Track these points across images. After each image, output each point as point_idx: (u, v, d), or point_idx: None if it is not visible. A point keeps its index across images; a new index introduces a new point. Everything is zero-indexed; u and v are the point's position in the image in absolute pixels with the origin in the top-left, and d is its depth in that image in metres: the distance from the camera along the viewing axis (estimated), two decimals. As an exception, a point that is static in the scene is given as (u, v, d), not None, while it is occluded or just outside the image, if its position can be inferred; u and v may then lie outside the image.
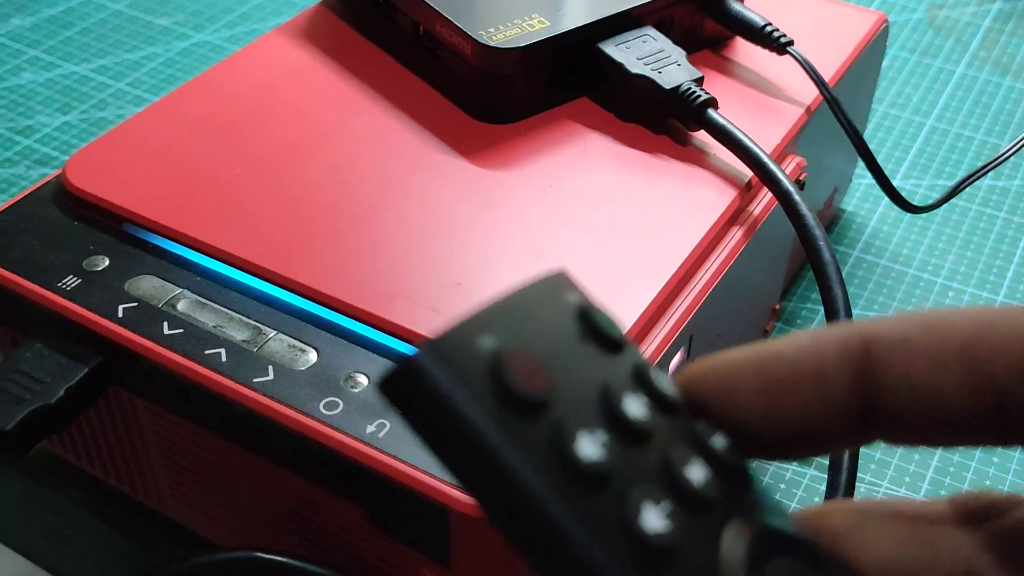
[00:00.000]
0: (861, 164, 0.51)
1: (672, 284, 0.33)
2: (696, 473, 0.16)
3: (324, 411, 0.29)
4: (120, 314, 0.32)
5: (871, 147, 0.55)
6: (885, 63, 0.61)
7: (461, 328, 0.15)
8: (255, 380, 0.30)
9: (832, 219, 0.51)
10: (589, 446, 0.15)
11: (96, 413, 0.34)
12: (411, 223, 0.34)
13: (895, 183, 0.53)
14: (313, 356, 0.31)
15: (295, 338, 0.31)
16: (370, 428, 0.28)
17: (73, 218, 0.35)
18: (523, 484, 0.15)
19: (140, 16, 0.63)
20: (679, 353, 0.33)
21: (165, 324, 0.31)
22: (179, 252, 0.33)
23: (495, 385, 0.15)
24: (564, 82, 0.39)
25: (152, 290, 0.32)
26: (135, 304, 0.32)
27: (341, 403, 0.29)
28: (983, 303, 0.46)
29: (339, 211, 0.34)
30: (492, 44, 0.37)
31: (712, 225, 0.35)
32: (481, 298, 0.31)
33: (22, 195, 0.36)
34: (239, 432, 0.31)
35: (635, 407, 0.16)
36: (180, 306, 0.32)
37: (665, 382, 0.18)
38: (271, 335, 0.31)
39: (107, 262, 0.33)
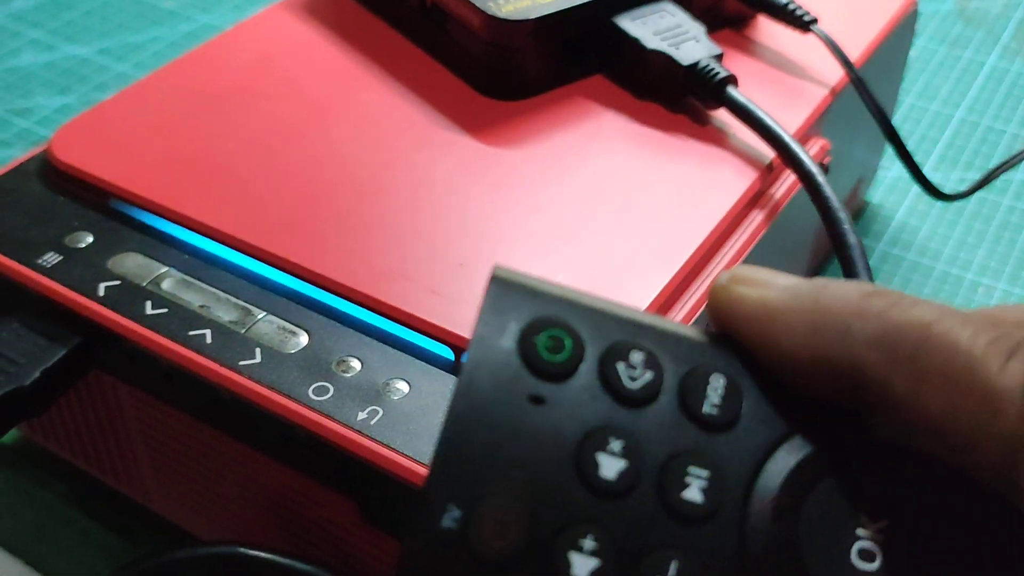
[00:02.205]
0: (887, 155, 0.49)
1: (687, 269, 0.31)
2: (694, 492, 0.16)
3: (313, 396, 0.27)
4: (101, 293, 0.30)
5: (898, 137, 0.53)
6: (914, 54, 0.59)
7: (425, 513, 0.15)
8: (241, 363, 0.28)
9: (857, 211, 0.48)
10: (582, 564, 0.15)
11: (76, 397, 0.32)
12: (413, 202, 0.32)
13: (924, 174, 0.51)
14: (304, 339, 0.29)
15: (285, 320, 0.29)
16: (361, 415, 0.27)
17: (58, 193, 0.33)
18: None
19: (145, -2, 0.61)
20: (694, 342, 0.31)
21: (148, 303, 0.30)
22: (166, 229, 0.32)
23: (476, 563, 0.15)
24: (577, 57, 0.37)
25: (136, 268, 0.31)
26: (118, 282, 0.30)
27: (332, 388, 0.27)
28: (1015, 299, 0.44)
29: (337, 189, 0.32)
30: (501, 16, 0.35)
31: (731, 208, 0.33)
32: (485, 280, 0.30)
33: (5, 169, 0.34)
34: (224, 418, 0.29)
35: (609, 466, 0.16)
36: (165, 285, 0.30)
37: (623, 376, 0.17)
38: (260, 316, 0.29)
39: (91, 239, 0.31)
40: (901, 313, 0.17)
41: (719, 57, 0.36)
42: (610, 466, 0.16)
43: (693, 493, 0.16)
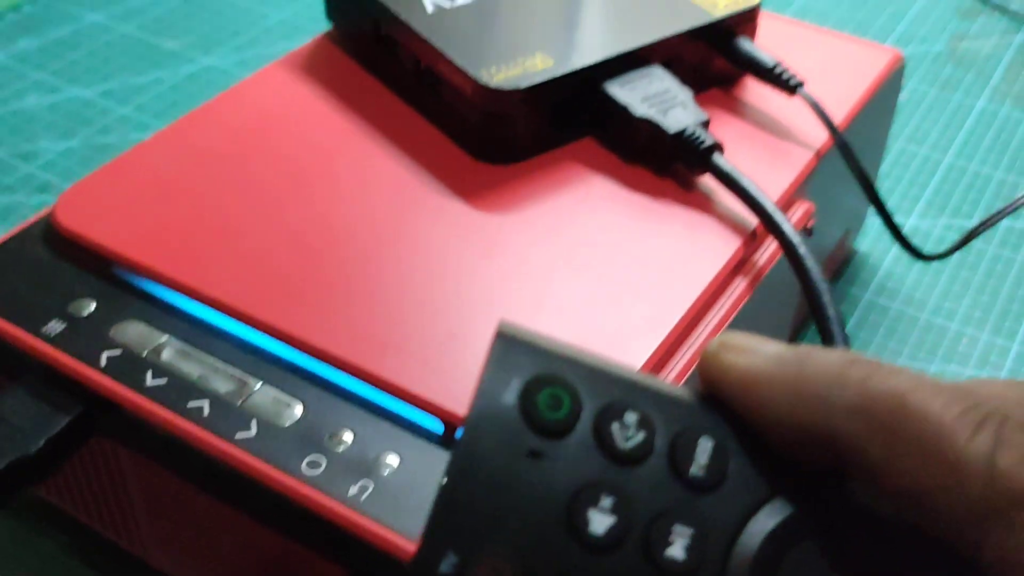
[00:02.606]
0: (875, 203, 0.50)
1: (673, 336, 0.32)
2: (677, 550, 0.17)
3: (306, 470, 0.28)
4: (103, 362, 0.31)
5: (887, 184, 0.54)
6: (904, 96, 0.60)
7: (423, 557, 0.16)
8: (237, 436, 0.29)
9: (845, 260, 0.49)
10: None
11: (79, 459, 0.33)
12: (406, 270, 0.33)
13: (911, 221, 0.52)
14: (299, 410, 0.30)
15: (281, 390, 0.30)
16: (353, 489, 0.28)
17: (62, 258, 0.34)
18: None
19: (148, 39, 0.62)
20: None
21: (149, 373, 0.31)
22: (167, 297, 0.33)
23: None
24: (567, 122, 0.38)
25: (138, 337, 0.32)
26: (119, 352, 0.31)
27: (324, 461, 0.28)
28: (998, 349, 0.45)
29: (332, 256, 0.33)
30: (493, 85, 0.36)
31: (716, 275, 0.34)
32: (475, 351, 0.30)
33: (11, 233, 0.35)
34: (221, 487, 0.30)
35: (598, 523, 0.17)
36: (165, 355, 0.31)
37: (616, 436, 0.18)
38: (256, 387, 0.30)
39: (94, 306, 0.32)
40: (878, 383, 0.17)
41: (705, 123, 0.37)
42: (600, 522, 0.17)
43: (676, 551, 0.17)
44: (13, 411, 0.31)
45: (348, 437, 0.29)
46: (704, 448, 0.18)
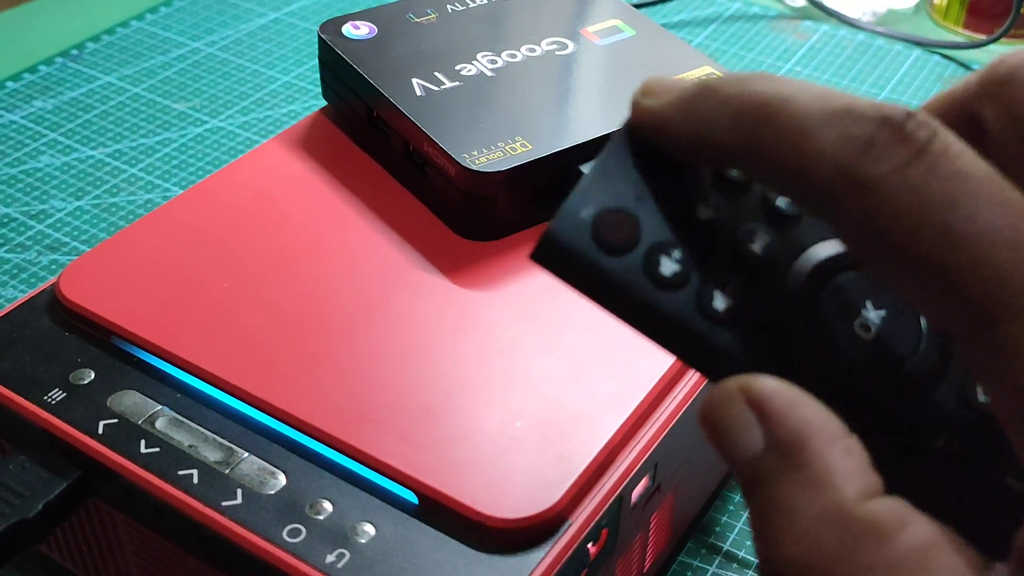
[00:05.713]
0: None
1: (639, 412, 0.34)
2: (756, 246, 0.22)
3: (287, 538, 0.30)
4: (100, 430, 0.33)
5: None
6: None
7: (568, 206, 0.21)
8: (224, 504, 0.31)
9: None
10: (668, 265, 0.21)
11: (76, 519, 0.35)
12: (387, 345, 0.35)
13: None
14: (282, 480, 0.32)
15: (266, 460, 0.32)
16: (330, 558, 0.29)
17: (64, 329, 0.36)
18: (634, 298, 0.21)
19: (158, 100, 0.64)
20: (644, 480, 0.34)
21: (143, 442, 0.32)
22: (162, 367, 0.35)
23: (599, 245, 0.21)
24: (546, 200, 0.40)
25: (133, 406, 0.34)
26: (115, 420, 0.33)
27: (304, 531, 0.30)
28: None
29: (318, 330, 0.35)
30: (475, 168, 0.38)
31: (682, 352, 0.35)
32: (450, 426, 0.32)
33: (17, 303, 0.37)
34: (209, 552, 0.32)
35: (704, 210, 0.22)
36: (159, 424, 0.33)
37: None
38: (243, 457, 0.32)
39: (93, 375, 0.34)
40: (750, 90, 0.21)
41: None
42: (704, 211, 0.22)
43: (756, 247, 0.22)
44: (14, 477, 0.33)
45: (327, 506, 0.31)
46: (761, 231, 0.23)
